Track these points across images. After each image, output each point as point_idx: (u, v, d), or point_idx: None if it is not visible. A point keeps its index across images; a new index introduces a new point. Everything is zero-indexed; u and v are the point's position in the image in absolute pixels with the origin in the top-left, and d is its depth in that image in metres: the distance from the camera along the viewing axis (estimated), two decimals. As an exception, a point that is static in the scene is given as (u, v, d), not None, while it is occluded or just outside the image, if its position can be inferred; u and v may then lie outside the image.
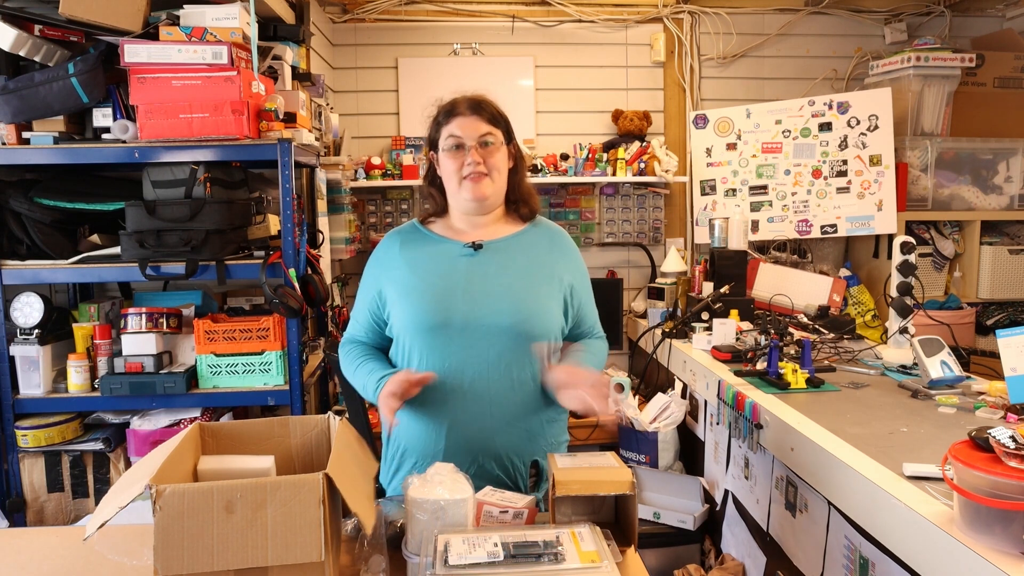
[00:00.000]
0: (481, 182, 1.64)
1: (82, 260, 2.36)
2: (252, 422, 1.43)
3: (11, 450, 2.34)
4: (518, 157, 1.74)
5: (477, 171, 1.63)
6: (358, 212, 3.64)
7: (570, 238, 1.81)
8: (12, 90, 2.21)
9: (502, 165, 1.68)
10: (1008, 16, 3.96)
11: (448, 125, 1.65)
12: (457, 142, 1.64)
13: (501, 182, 1.69)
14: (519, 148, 1.75)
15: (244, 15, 2.29)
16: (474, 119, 1.64)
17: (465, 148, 1.63)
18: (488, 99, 1.70)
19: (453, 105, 1.67)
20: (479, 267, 1.65)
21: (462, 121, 1.64)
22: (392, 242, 1.75)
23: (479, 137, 1.63)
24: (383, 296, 1.71)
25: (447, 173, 1.67)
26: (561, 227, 1.82)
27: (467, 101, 1.67)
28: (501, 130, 1.68)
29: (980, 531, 1.19)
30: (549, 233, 1.77)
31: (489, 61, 3.79)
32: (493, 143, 1.65)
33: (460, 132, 1.64)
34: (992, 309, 3.62)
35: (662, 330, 3.04)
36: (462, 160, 1.63)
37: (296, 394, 2.39)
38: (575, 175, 3.64)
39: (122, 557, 1.39)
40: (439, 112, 1.70)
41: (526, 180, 1.77)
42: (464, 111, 1.65)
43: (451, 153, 1.64)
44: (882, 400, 2.04)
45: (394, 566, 1.29)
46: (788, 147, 3.64)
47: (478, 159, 1.63)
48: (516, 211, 1.75)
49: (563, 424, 1.77)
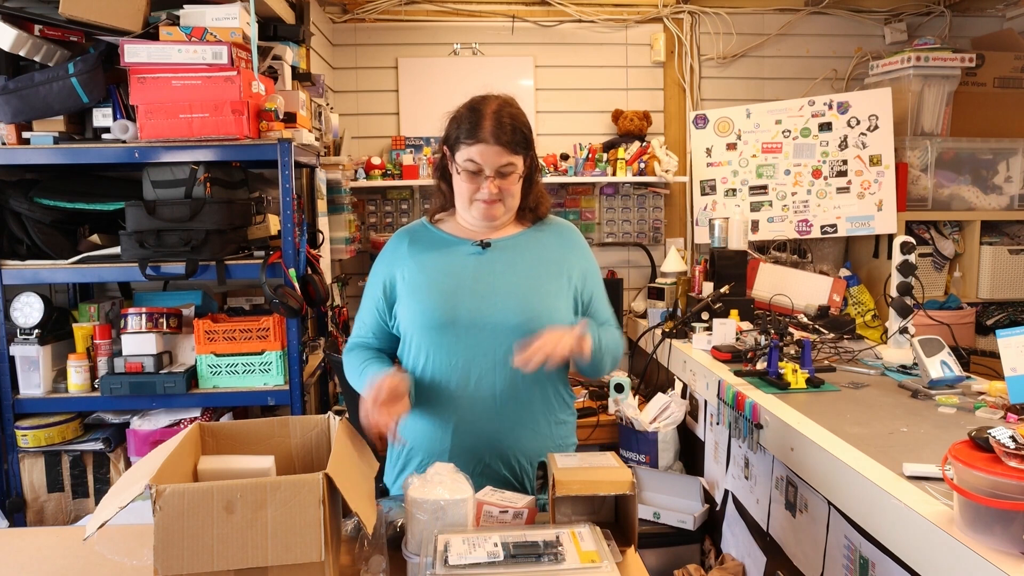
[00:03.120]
0: (493, 206, 1.62)
1: (82, 260, 2.36)
2: (252, 422, 1.44)
3: (11, 450, 2.34)
4: (533, 167, 1.70)
5: (492, 199, 1.61)
6: (358, 212, 3.64)
7: (580, 234, 1.79)
8: (12, 90, 2.21)
9: (516, 190, 1.65)
10: (1008, 16, 3.95)
11: (469, 148, 1.58)
12: (476, 168, 1.59)
13: (513, 204, 1.66)
14: (536, 159, 1.71)
15: (244, 15, 2.29)
16: (497, 149, 1.57)
17: (482, 175, 1.59)
18: (514, 120, 1.60)
19: (478, 124, 1.57)
20: (487, 265, 1.65)
21: (484, 150, 1.57)
22: (401, 240, 1.74)
23: (499, 168, 1.59)
24: (390, 294, 1.70)
25: (460, 191, 1.64)
26: (571, 223, 1.81)
27: (492, 127, 1.57)
28: (522, 155, 1.62)
29: (980, 531, 1.19)
30: (558, 230, 1.75)
31: (489, 61, 3.79)
32: (512, 172, 1.61)
33: (480, 160, 1.58)
34: (992, 309, 3.62)
35: (662, 330, 3.04)
36: (478, 186, 1.60)
37: (296, 394, 2.39)
38: (575, 175, 3.64)
39: (122, 557, 1.39)
40: (462, 121, 1.61)
41: (539, 186, 1.74)
42: (488, 138, 1.56)
43: (468, 176, 1.60)
44: (882, 400, 2.04)
45: (394, 566, 1.29)
46: (788, 147, 3.64)
47: (494, 189, 1.59)
48: (524, 215, 1.73)
49: (571, 426, 1.76)
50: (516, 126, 1.60)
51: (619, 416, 3.09)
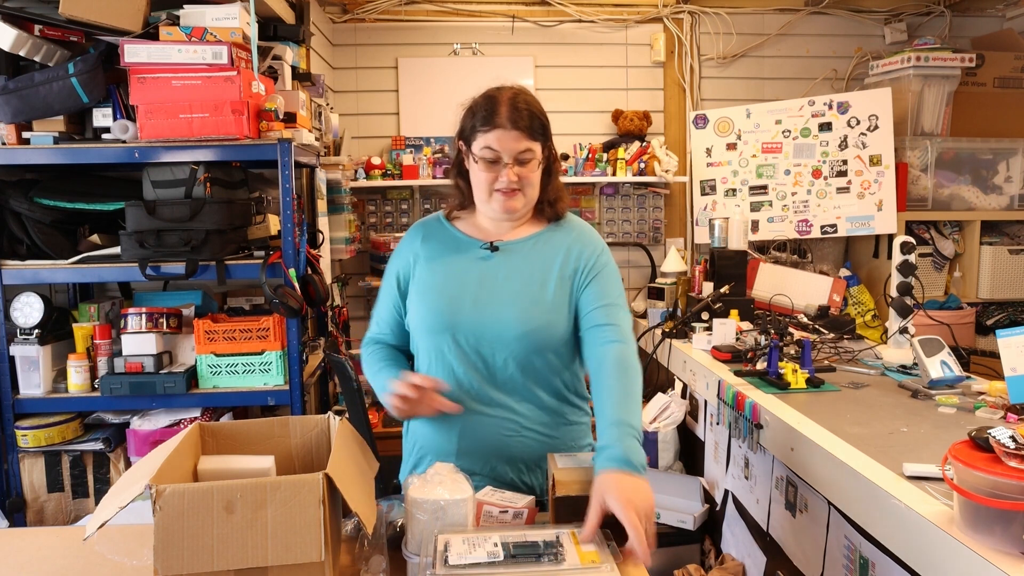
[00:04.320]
0: (513, 197, 1.58)
1: (82, 260, 2.36)
2: (252, 422, 1.43)
3: (11, 450, 2.34)
4: (552, 159, 1.65)
5: (511, 187, 1.57)
6: (358, 212, 3.64)
7: (597, 235, 1.73)
8: (12, 90, 2.21)
9: (536, 178, 1.61)
10: (1008, 16, 3.96)
11: (486, 135, 1.55)
12: (494, 156, 1.55)
13: (533, 194, 1.62)
14: (554, 149, 1.67)
15: (244, 15, 2.29)
16: (514, 134, 1.54)
17: (501, 163, 1.56)
18: (530, 106, 1.58)
19: (494, 110, 1.55)
20: (491, 270, 1.62)
21: (501, 135, 1.54)
22: (415, 234, 1.72)
23: (517, 154, 1.55)
24: (404, 287, 1.68)
25: (478, 182, 1.60)
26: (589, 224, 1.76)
27: (508, 113, 1.54)
28: (540, 142, 1.58)
29: (980, 531, 1.19)
30: (571, 231, 1.69)
31: (489, 61, 3.79)
32: (531, 159, 1.57)
33: (498, 147, 1.54)
34: (992, 309, 3.62)
35: (662, 330, 3.04)
36: (496, 174, 1.56)
37: (296, 394, 2.39)
38: (575, 175, 3.64)
39: (122, 557, 1.39)
40: (477, 109, 1.58)
41: (558, 180, 1.70)
42: (505, 123, 1.54)
43: (485, 165, 1.56)
44: (882, 400, 2.04)
45: (394, 566, 1.29)
46: (788, 147, 3.64)
47: (513, 177, 1.56)
48: (542, 211, 1.69)
49: (584, 428, 1.71)
50: (533, 112, 1.57)
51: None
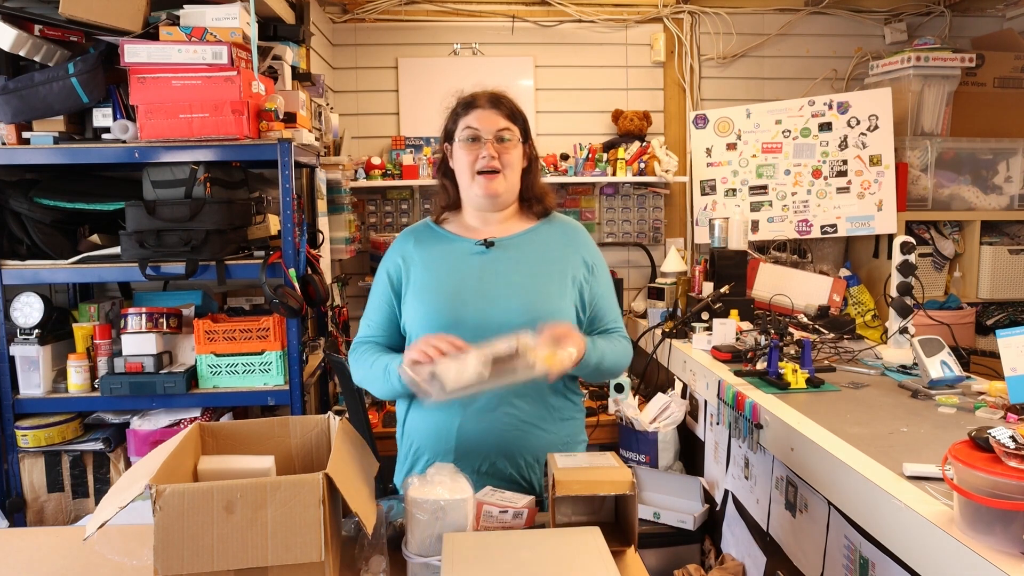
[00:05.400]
0: (494, 179, 1.65)
1: (82, 260, 2.36)
2: (252, 422, 1.44)
3: (11, 450, 2.34)
4: (532, 157, 1.75)
5: (491, 166, 1.63)
6: (358, 212, 3.64)
7: (585, 232, 1.80)
8: (12, 90, 2.21)
9: (516, 163, 1.69)
10: (1008, 16, 3.96)
11: (466, 117, 1.66)
12: (474, 134, 1.65)
13: (514, 179, 1.69)
14: (535, 148, 1.76)
15: (244, 15, 2.29)
16: (493, 113, 1.65)
17: (481, 141, 1.64)
18: (508, 96, 1.71)
19: (473, 97, 1.68)
20: (491, 264, 1.66)
21: (481, 114, 1.65)
22: (406, 240, 1.76)
23: (496, 131, 1.64)
24: (398, 286, 1.70)
25: (461, 166, 1.67)
26: (576, 221, 1.82)
27: (487, 95, 1.68)
28: (519, 127, 1.69)
29: (980, 531, 1.19)
30: (563, 228, 1.76)
31: (489, 61, 3.79)
32: (510, 140, 1.66)
33: (478, 124, 1.65)
34: (992, 309, 3.62)
35: (662, 330, 3.04)
36: (477, 153, 1.64)
37: (296, 394, 2.39)
38: (575, 175, 3.64)
39: (122, 557, 1.39)
40: (458, 103, 1.71)
41: (540, 179, 1.78)
42: (484, 104, 1.66)
43: (467, 145, 1.65)
44: (882, 400, 2.04)
45: (394, 566, 1.29)
46: (788, 147, 3.64)
47: (493, 153, 1.63)
48: (530, 208, 1.76)
49: (579, 423, 1.76)
50: (512, 101, 1.70)
51: (619, 416, 3.09)
